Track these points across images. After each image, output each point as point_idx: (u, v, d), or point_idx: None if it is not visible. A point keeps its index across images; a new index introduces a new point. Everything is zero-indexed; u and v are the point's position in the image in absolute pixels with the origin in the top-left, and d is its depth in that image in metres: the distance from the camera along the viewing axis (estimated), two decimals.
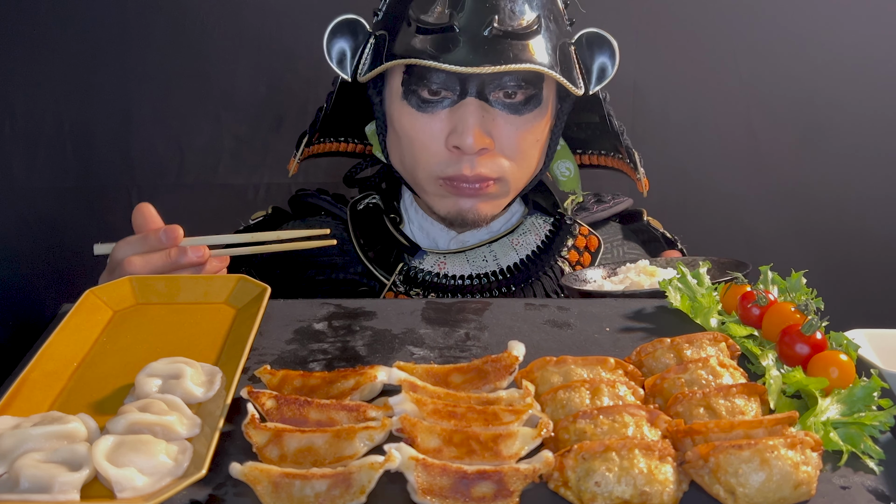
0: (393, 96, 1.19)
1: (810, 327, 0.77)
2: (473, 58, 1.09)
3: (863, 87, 1.79)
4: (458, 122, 1.13)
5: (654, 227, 1.41)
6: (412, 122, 1.17)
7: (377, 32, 1.18)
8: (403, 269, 1.24)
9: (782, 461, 0.61)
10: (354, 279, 1.27)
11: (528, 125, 1.17)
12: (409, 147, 1.19)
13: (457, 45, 1.09)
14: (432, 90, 1.14)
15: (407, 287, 1.24)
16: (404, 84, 1.16)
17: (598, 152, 1.38)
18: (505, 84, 1.13)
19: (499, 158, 1.16)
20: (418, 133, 1.17)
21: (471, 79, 1.12)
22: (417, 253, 1.26)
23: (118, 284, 0.92)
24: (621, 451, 0.62)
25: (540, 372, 0.76)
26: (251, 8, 1.70)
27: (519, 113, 1.15)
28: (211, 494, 0.63)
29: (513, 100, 1.15)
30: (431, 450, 0.65)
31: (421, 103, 1.15)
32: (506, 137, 1.16)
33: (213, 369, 0.77)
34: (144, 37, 1.68)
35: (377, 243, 1.27)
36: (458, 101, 1.13)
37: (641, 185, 1.31)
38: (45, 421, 0.67)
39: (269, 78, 1.73)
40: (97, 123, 1.71)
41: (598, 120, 1.32)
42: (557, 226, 1.31)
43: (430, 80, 1.13)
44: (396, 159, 1.25)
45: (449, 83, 1.13)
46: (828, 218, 1.85)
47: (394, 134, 1.22)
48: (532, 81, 1.15)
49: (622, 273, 1.14)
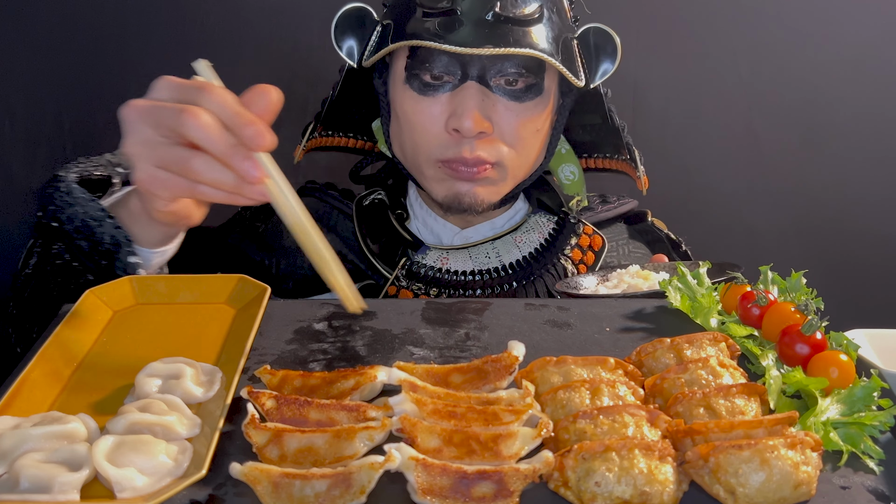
0: (396, 81, 1.21)
1: (810, 327, 0.77)
2: (475, 40, 1.11)
3: (863, 87, 1.79)
4: (457, 105, 1.15)
5: (658, 228, 1.42)
6: (413, 105, 1.18)
7: (384, 21, 1.20)
8: (406, 263, 1.25)
9: (782, 461, 0.61)
10: (360, 268, 1.28)
11: (529, 113, 1.18)
12: (410, 131, 1.20)
13: (459, 28, 1.11)
14: (434, 74, 1.16)
15: (409, 282, 1.24)
16: (407, 68, 1.17)
17: (603, 155, 1.39)
18: (506, 70, 1.15)
19: (498, 143, 1.18)
20: (419, 116, 1.18)
21: (472, 63, 1.14)
22: (420, 248, 1.28)
23: (118, 284, 0.92)
24: (621, 451, 0.62)
25: (540, 372, 0.76)
26: (251, 8, 1.70)
27: (519, 100, 1.17)
28: (211, 494, 0.63)
29: (514, 87, 1.16)
30: (431, 450, 0.65)
31: (423, 87, 1.17)
32: (505, 123, 1.17)
33: (213, 369, 0.77)
34: (144, 37, 1.68)
35: (381, 238, 1.28)
36: (459, 84, 1.15)
37: (641, 184, 1.31)
38: (45, 421, 0.67)
39: (270, 78, 1.72)
40: (97, 123, 1.71)
41: (600, 121, 1.33)
42: (561, 224, 1.32)
43: (432, 64, 1.15)
44: (398, 146, 1.27)
45: (451, 67, 1.15)
46: (828, 218, 1.85)
47: (396, 120, 1.24)
48: (533, 70, 1.16)
49: (615, 279, 1.14)
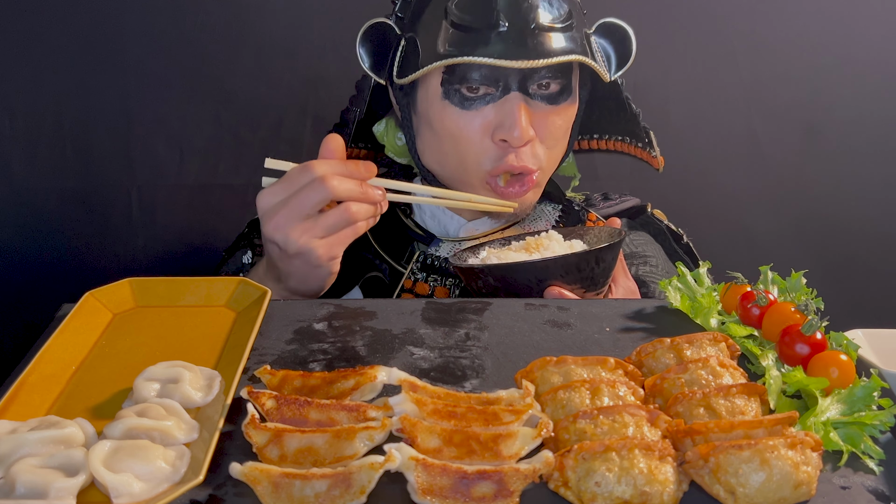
0: (431, 97, 1.20)
1: (810, 327, 0.77)
2: (518, 52, 1.11)
3: (863, 87, 1.79)
4: (505, 116, 1.15)
5: (658, 220, 1.43)
6: (456, 120, 1.18)
7: (406, 35, 1.20)
8: (420, 257, 1.27)
9: (782, 461, 0.61)
10: (367, 258, 1.29)
11: (563, 114, 1.21)
12: (454, 145, 1.20)
13: (500, 41, 1.12)
14: (473, 87, 1.16)
15: (425, 275, 1.26)
16: (444, 84, 1.17)
17: (591, 137, 1.41)
18: (542, 77, 1.16)
19: (538, 148, 1.20)
20: (463, 130, 1.18)
21: (512, 73, 1.15)
22: (433, 241, 1.29)
23: (118, 287, 0.91)
24: (621, 452, 0.62)
25: (540, 372, 0.76)
26: (251, 8, 1.70)
27: (556, 103, 1.19)
28: (211, 494, 0.63)
29: (549, 91, 1.18)
30: (431, 450, 0.65)
31: (464, 101, 1.17)
32: (544, 127, 1.19)
33: (212, 373, 0.76)
34: (144, 37, 1.68)
35: (391, 234, 1.30)
36: (502, 95, 1.16)
37: (657, 163, 1.33)
38: (42, 425, 0.67)
39: (269, 78, 1.73)
40: (97, 123, 1.71)
41: (614, 106, 1.34)
42: (566, 212, 1.35)
43: (471, 78, 1.15)
44: (432, 160, 1.25)
45: (490, 79, 1.15)
46: (828, 218, 1.85)
47: (431, 134, 1.23)
48: (564, 72, 1.18)
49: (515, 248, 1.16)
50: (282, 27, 1.70)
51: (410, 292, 1.25)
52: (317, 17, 1.68)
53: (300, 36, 1.69)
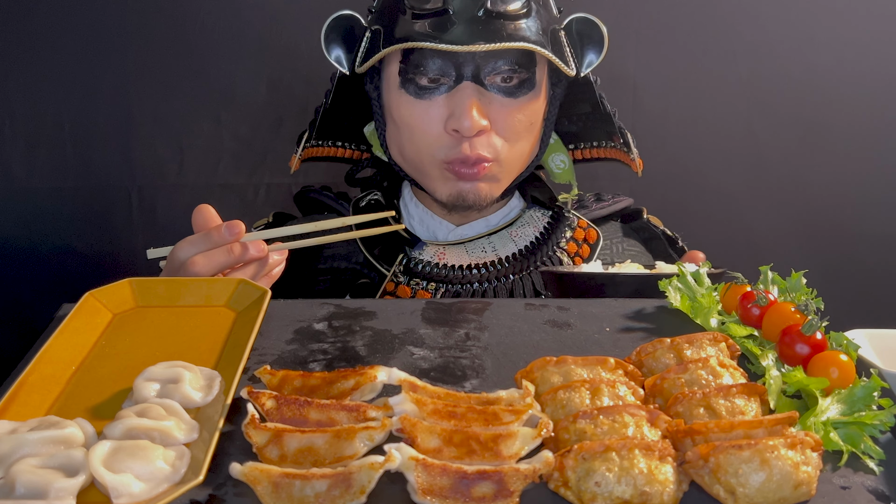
0: (390, 86, 1.21)
1: (810, 327, 0.77)
2: (468, 38, 1.12)
3: (863, 87, 1.79)
4: (455, 106, 1.16)
5: (654, 225, 1.42)
6: (411, 109, 1.19)
7: (373, 27, 1.21)
8: (403, 260, 1.26)
9: (782, 461, 0.61)
10: (355, 268, 1.29)
11: (523, 108, 1.20)
12: (409, 135, 1.21)
13: (451, 27, 1.12)
14: (429, 77, 1.17)
15: (408, 278, 1.25)
16: (401, 73, 1.18)
17: (591, 144, 1.40)
18: (500, 68, 1.16)
19: (495, 139, 1.19)
20: (417, 120, 1.19)
21: (466, 63, 1.15)
22: (417, 245, 1.29)
23: (118, 287, 0.91)
24: (621, 452, 0.62)
25: (540, 372, 0.76)
26: (251, 8, 1.70)
27: (514, 96, 1.18)
28: (211, 494, 0.63)
29: (508, 84, 1.17)
30: (431, 450, 0.65)
31: (419, 90, 1.18)
32: (501, 119, 1.19)
33: (212, 373, 0.76)
34: (144, 37, 1.68)
35: (381, 240, 1.29)
36: (455, 85, 1.16)
37: (635, 166, 1.32)
38: (41, 425, 0.67)
39: (269, 78, 1.73)
40: (97, 123, 1.71)
41: (590, 110, 1.34)
42: (556, 218, 1.34)
43: (426, 67, 1.16)
44: (396, 151, 1.27)
45: (445, 69, 1.16)
46: (828, 218, 1.84)
47: (392, 125, 1.25)
48: (525, 65, 1.18)
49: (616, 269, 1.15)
50: (282, 27, 1.70)
51: (392, 295, 1.25)
52: (317, 17, 1.67)
53: (300, 36, 1.69)
